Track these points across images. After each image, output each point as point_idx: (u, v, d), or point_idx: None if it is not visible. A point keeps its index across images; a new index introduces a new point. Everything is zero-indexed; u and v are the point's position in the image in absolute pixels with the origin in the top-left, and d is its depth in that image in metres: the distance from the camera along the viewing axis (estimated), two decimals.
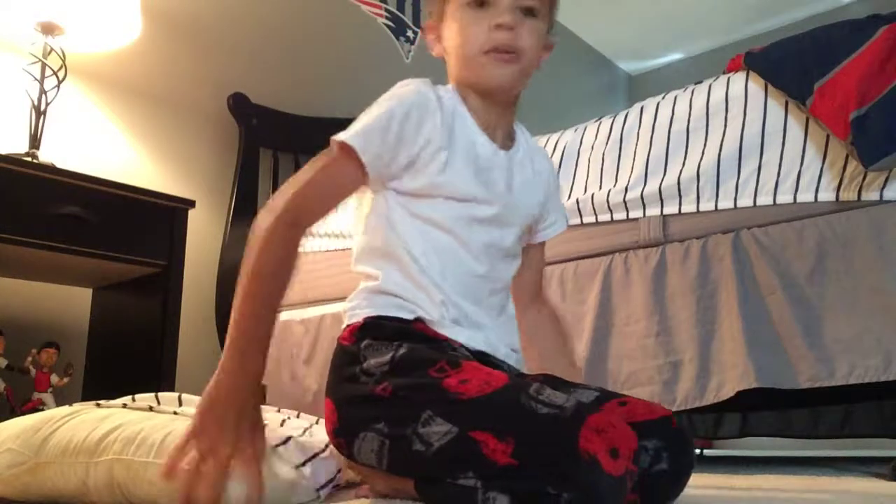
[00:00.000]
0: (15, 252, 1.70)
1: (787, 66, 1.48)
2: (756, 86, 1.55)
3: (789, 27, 4.61)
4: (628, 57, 5.16)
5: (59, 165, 1.86)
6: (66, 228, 1.71)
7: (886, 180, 1.35)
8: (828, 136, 1.41)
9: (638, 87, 5.27)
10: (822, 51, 1.43)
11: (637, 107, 1.77)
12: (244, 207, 2.60)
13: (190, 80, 2.61)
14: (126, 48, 2.35)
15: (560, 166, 1.81)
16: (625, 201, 1.67)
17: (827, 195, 1.42)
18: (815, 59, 1.43)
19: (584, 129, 1.86)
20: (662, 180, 1.64)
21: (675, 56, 5.08)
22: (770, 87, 1.52)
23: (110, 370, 1.99)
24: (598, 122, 1.84)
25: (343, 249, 2.25)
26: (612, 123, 1.80)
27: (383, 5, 3.46)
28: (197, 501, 0.80)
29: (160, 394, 1.20)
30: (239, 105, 2.67)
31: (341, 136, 0.99)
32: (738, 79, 1.58)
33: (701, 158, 1.59)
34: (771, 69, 1.52)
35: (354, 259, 1.05)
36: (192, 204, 1.96)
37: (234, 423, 0.85)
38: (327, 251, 2.29)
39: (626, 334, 1.62)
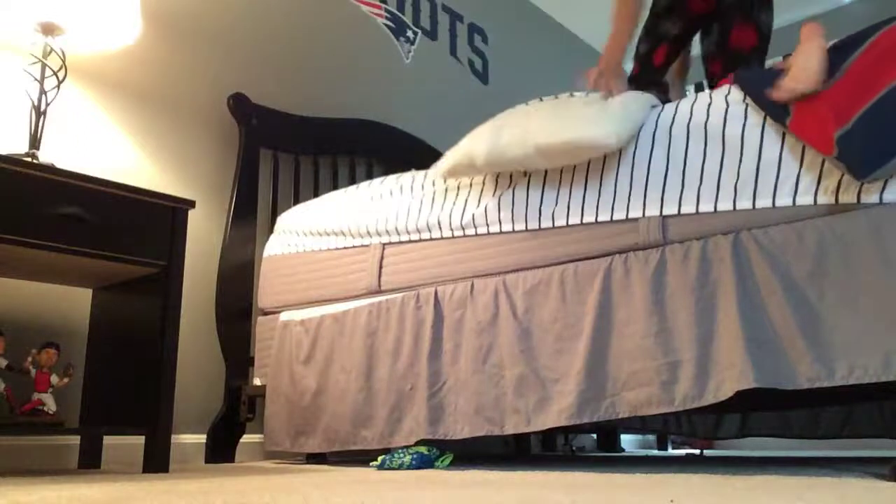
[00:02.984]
0: (15, 252, 1.70)
1: (768, 86, 1.49)
2: None
3: (789, 28, 4.61)
4: (628, 57, 5.15)
5: (59, 165, 1.86)
6: (66, 228, 1.72)
7: (886, 182, 1.35)
8: None
9: None
10: None
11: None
12: (244, 207, 2.60)
13: (190, 81, 2.61)
14: (126, 48, 2.36)
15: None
16: (626, 200, 1.68)
17: (826, 198, 1.42)
18: None
19: None
20: (663, 180, 1.64)
21: None
22: None
23: (110, 370, 1.99)
24: None
25: (343, 248, 2.26)
26: None
27: (383, 5, 3.47)
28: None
29: None
30: (239, 105, 2.67)
31: None
32: (739, 90, 1.58)
33: (703, 160, 1.59)
34: (753, 89, 1.53)
35: None
36: (192, 204, 1.96)
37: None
38: (327, 250, 2.30)
39: (626, 335, 1.62)
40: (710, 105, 1.62)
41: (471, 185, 2.01)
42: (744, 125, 1.54)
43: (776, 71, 1.51)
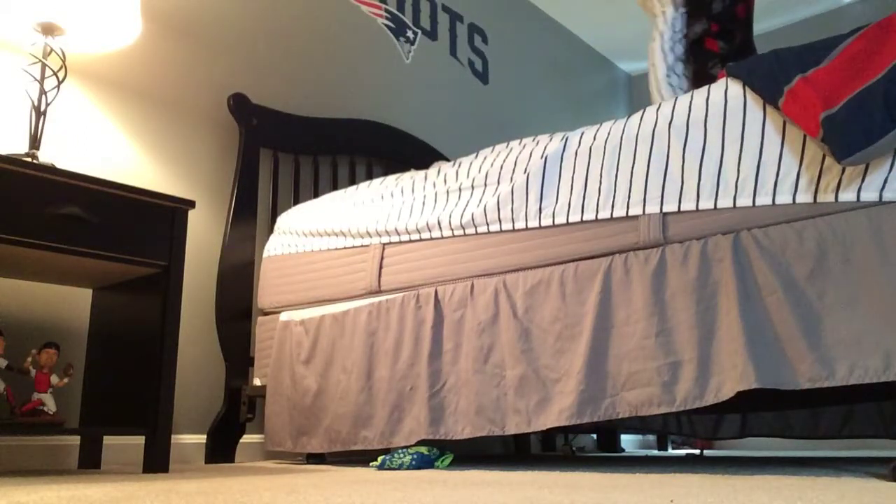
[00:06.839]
0: (15, 252, 1.70)
1: (762, 72, 1.51)
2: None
3: (788, 28, 4.61)
4: (628, 57, 5.16)
5: (59, 165, 1.86)
6: (66, 228, 1.72)
7: (886, 181, 1.35)
8: None
9: (638, 87, 5.28)
10: (793, 59, 1.46)
11: (638, 112, 1.79)
12: (244, 207, 2.60)
13: (190, 81, 2.61)
14: (126, 48, 2.36)
15: (562, 163, 1.82)
16: (626, 196, 1.68)
17: (826, 196, 1.42)
18: (786, 65, 1.47)
19: (584, 131, 1.87)
20: (663, 176, 1.64)
21: None
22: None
23: (110, 370, 1.99)
24: (598, 125, 1.85)
25: (343, 248, 2.26)
26: (613, 126, 1.81)
27: (383, 6, 3.47)
28: None
29: None
30: (239, 105, 2.67)
31: None
32: (736, 82, 1.58)
33: (702, 156, 1.60)
34: (747, 76, 1.54)
35: None
36: (192, 204, 1.96)
37: None
38: (327, 250, 2.30)
39: (626, 335, 1.62)
40: (708, 100, 1.62)
41: (472, 185, 2.01)
42: (743, 121, 1.54)
43: (770, 56, 1.52)
